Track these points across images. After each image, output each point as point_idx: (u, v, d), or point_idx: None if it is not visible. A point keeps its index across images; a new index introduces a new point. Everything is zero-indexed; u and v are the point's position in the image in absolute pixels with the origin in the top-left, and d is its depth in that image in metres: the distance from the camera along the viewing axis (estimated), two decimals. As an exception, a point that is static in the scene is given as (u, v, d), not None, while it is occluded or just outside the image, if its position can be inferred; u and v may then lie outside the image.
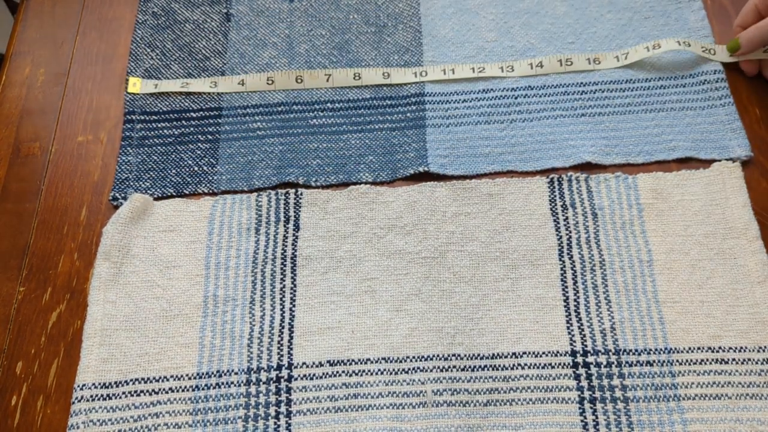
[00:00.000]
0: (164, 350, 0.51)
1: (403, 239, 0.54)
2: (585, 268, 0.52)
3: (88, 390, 0.50)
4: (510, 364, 0.49)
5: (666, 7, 0.64)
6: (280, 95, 0.63)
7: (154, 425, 0.48)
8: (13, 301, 0.54)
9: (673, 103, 0.59)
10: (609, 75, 0.61)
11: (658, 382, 0.48)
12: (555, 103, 0.60)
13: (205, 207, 0.57)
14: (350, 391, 0.49)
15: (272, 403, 0.49)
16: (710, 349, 0.49)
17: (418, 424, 0.48)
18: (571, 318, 0.51)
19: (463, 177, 0.57)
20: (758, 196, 0.55)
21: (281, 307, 0.52)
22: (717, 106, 0.58)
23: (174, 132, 0.61)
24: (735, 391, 0.47)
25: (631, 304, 0.51)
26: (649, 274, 0.52)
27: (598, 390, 0.48)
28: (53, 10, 0.70)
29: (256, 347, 0.51)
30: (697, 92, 0.59)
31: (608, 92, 0.60)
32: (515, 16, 0.65)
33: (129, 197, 0.57)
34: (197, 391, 0.49)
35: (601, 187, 0.55)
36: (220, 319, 0.52)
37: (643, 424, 0.47)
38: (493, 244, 0.54)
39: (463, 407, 0.48)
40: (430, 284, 0.52)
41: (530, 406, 0.48)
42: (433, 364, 0.50)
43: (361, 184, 0.57)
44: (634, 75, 0.61)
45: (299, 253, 0.54)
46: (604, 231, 0.54)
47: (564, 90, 0.61)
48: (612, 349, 0.49)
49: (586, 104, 0.60)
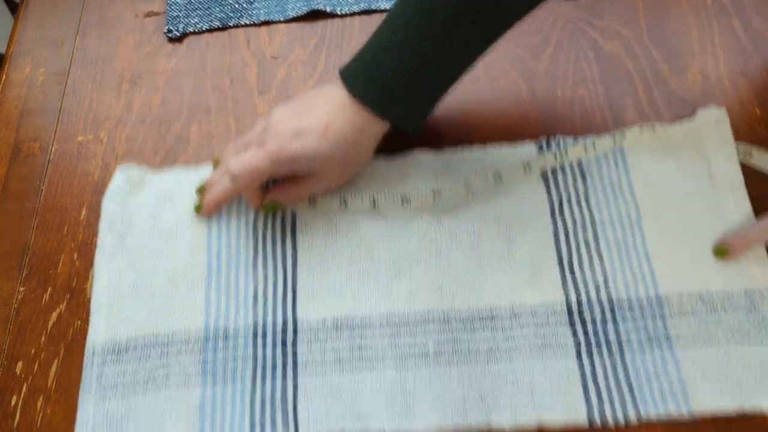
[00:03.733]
0: (171, 313, 0.52)
1: (399, 207, 0.55)
2: (576, 227, 0.54)
3: (99, 357, 0.51)
4: (508, 320, 0.51)
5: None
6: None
7: (164, 385, 0.50)
8: (13, 301, 0.54)
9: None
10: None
11: (651, 329, 0.50)
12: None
13: (203, 175, 0.58)
14: (354, 349, 0.50)
15: (279, 360, 0.50)
16: (699, 296, 0.51)
17: (420, 378, 0.49)
18: (565, 273, 0.53)
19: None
20: (758, 196, 0.55)
21: (283, 269, 0.54)
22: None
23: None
24: (725, 334, 0.49)
25: (622, 258, 0.53)
26: (638, 228, 0.54)
27: (594, 340, 0.50)
28: (53, 10, 0.70)
29: (261, 307, 0.52)
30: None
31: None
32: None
33: (120, 168, 0.58)
34: (205, 351, 0.51)
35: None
36: (224, 282, 0.53)
37: (639, 369, 0.49)
38: (487, 207, 0.55)
39: (464, 363, 0.49)
40: (427, 248, 0.54)
41: (529, 359, 0.49)
42: (433, 325, 0.51)
43: (382, 11, 0.65)
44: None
45: (298, 219, 0.56)
46: (594, 191, 0.55)
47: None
48: (605, 300, 0.51)
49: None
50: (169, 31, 0.67)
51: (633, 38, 0.64)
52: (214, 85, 0.64)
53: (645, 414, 0.47)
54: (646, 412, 0.47)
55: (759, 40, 0.63)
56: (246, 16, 0.68)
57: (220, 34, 0.68)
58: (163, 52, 0.67)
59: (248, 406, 0.49)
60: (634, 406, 0.48)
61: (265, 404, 0.49)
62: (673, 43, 0.63)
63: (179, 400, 0.49)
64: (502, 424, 0.47)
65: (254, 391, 0.50)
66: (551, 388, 0.49)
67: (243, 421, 0.49)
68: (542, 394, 0.48)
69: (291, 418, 0.49)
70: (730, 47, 0.63)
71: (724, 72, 0.62)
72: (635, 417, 0.47)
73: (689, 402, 0.47)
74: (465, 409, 0.48)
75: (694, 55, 0.63)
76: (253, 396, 0.49)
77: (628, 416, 0.47)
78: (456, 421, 0.48)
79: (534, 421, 0.48)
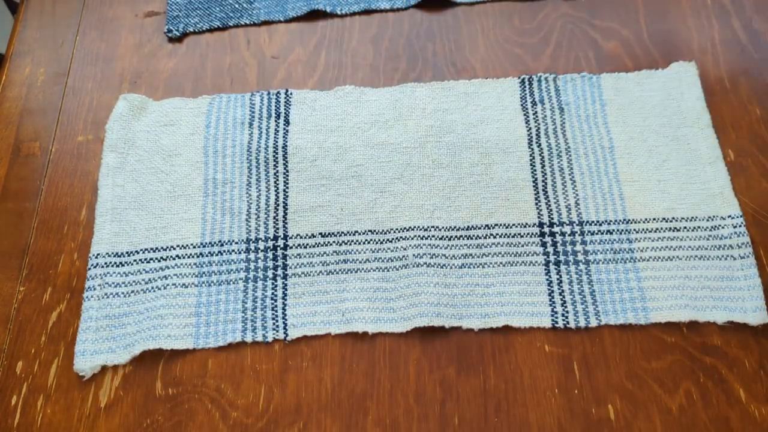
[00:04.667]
0: (170, 225, 0.56)
1: (385, 132, 0.59)
2: (552, 154, 0.58)
3: (103, 258, 0.54)
4: (483, 234, 0.55)
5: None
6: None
7: (163, 286, 0.53)
8: (13, 301, 0.54)
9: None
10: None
11: (617, 247, 0.54)
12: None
13: (202, 104, 0.62)
14: (340, 257, 0.54)
15: (270, 267, 0.54)
16: (665, 220, 0.54)
17: (401, 282, 0.53)
18: (539, 196, 0.56)
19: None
20: (758, 196, 0.55)
21: (275, 188, 0.57)
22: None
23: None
24: (686, 253, 0.53)
25: (594, 183, 0.56)
26: (610, 158, 0.57)
27: (563, 254, 0.54)
28: (53, 10, 0.70)
29: (254, 222, 0.56)
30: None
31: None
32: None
33: (123, 96, 0.62)
34: (201, 257, 0.55)
35: (568, 85, 0.61)
36: (219, 198, 0.57)
37: (602, 282, 0.52)
38: (468, 135, 0.59)
39: (440, 268, 0.53)
40: (411, 170, 0.58)
41: (501, 268, 0.54)
42: (414, 233, 0.55)
43: (382, 11, 0.67)
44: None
45: (290, 143, 0.59)
46: (570, 123, 0.59)
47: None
48: (576, 221, 0.55)
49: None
50: (169, 31, 0.67)
51: (633, 38, 0.64)
52: (214, 85, 0.64)
53: (605, 321, 0.51)
54: (607, 319, 0.51)
55: (759, 40, 0.63)
56: (246, 16, 0.68)
57: (220, 34, 0.68)
58: (163, 52, 0.67)
59: (240, 306, 0.53)
60: (596, 314, 0.51)
61: (256, 304, 0.53)
62: (673, 43, 0.63)
63: (177, 300, 0.53)
64: (472, 324, 0.51)
65: (246, 292, 0.54)
66: (519, 294, 0.53)
67: (236, 318, 0.53)
68: (510, 298, 0.52)
69: (280, 317, 0.53)
70: (730, 47, 0.63)
71: (724, 72, 0.62)
72: (596, 323, 0.51)
73: (648, 311, 0.51)
74: (439, 312, 0.52)
75: (694, 55, 0.63)
76: (245, 297, 0.53)
77: (589, 322, 0.51)
78: (431, 321, 0.51)
79: (501, 324, 0.51)
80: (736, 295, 0.51)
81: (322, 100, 0.61)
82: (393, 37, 0.66)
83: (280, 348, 0.52)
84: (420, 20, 0.67)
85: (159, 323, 0.52)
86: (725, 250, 0.53)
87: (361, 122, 0.60)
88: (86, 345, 0.51)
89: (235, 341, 0.52)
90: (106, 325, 0.52)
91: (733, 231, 0.53)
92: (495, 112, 0.60)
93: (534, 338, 0.51)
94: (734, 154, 0.57)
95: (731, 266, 0.52)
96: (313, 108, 0.61)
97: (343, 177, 0.58)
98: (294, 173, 0.58)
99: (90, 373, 0.51)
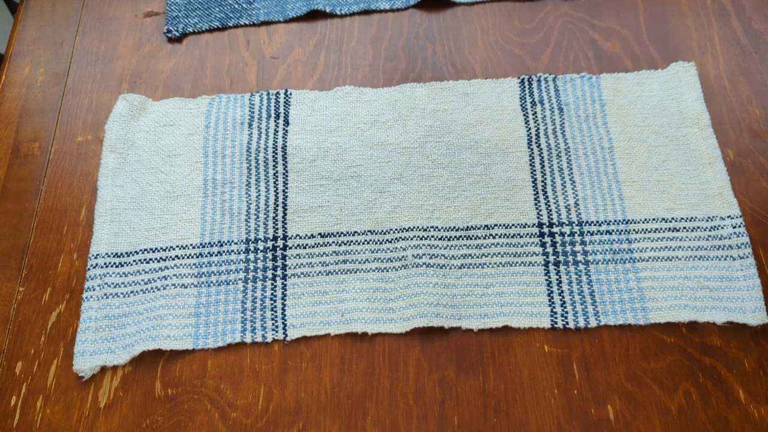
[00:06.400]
0: (169, 225, 0.56)
1: (385, 132, 0.59)
2: (551, 154, 0.58)
3: (102, 259, 0.54)
4: (482, 235, 0.55)
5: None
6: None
7: (162, 286, 0.53)
8: (13, 301, 0.54)
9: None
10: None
11: (616, 248, 0.54)
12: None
13: (201, 105, 0.62)
14: (340, 258, 0.54)
15: (269, 267, 0.54)
16: (664, 220, 0.54)
17: (400, 282, 0.53)
18: (539, 196, 0.56)
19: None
20: (758, 196, 0.55)
21: (275, 188, 0.58)
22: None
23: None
24: (685, 253, 0.53)
25: (593, 184, 0.56)
26: (610, 158, 0.57)
27: (562, 254, 0.54)
28: (53, 10, 0.70)
29: (253, 222, 0.56)
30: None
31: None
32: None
33: (123, 96, 0.62)
34: (201, 258, 0.55)
35: (568, 86, 0.61)
36: (219, 198, 0.57)
37: (602, 282, 0.52)
38: (467, 135, 0.59)
39: (440, 269, 0.53)
40: (410, 170, 0.58)
41: (500, 268, 0.54)
42: (413, 234, 0.55)
43: (381, 11, 0.66)
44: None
45: (289, 143, 0.59)
46: (569, 123, 0.59)
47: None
48: (575, 221, 0.55)
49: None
50: (168, 31, 0.67)
51: (633, 38, 0.64)
52: (213, 86, 0.64)
53: (605, 321, 0.51)
54: (606, 320, 0.51)
55: (759, 40, 0.63)
56: (246, 17, 0.68)
57: (219, 34, 0.68)
58: (163, 52, 0.67)
59: (240, 306, 0.53)
60: (595, 314, 0.52)
61: (255, 304, 0.53)
62: (673, 43, 0.63)
63: (176, 300, 0.53)
64: (472, 324, 0.51)
65: (245, 292, 0.54)
66: (519, 294, 0.53)
67: (235, 319, 0.53)
68: (510, 299, 0.52)
69: (279, 317, 0.53)
70: (730, 47, 0.63)
71: (724, 72, 0.61)
72: (596, 323, 0.51)
73: (647, 311, 0.51)
74: (438, 312, 0.52)
75: (694, 55, 0.62)
76: (244, 297, 0.53)
77: (589, 323, 0.51)
78: (430, 321, 0.51)
79: (500, 324, 0.51)
80: (735, 295, 0.51)
81: (321, 100, 0.61)
82: (393, 38, 0.66)
83: (279, 348, 0.52)
84: (420, 20, 0.67)
85: (158, 324, 0.52)
86: (725, 251, 0.52)
87: (360, 122, 0.60)
88: (86, 345, 0.51)
89: (234, 342, 0.52)
90: (106, 325, 0.52)
91: (733, 231, 0.53)
92: (494, 112, 0.60)
93: (533, 339, 0.51)
94: (734, 154, 0.57)
95: (731, 266, 0.52)
96: (313, 108, 0.61)
97: (342, 177, 0.57)
98: (293, 173, 0.58)
99: (89, 374, 0.51)
